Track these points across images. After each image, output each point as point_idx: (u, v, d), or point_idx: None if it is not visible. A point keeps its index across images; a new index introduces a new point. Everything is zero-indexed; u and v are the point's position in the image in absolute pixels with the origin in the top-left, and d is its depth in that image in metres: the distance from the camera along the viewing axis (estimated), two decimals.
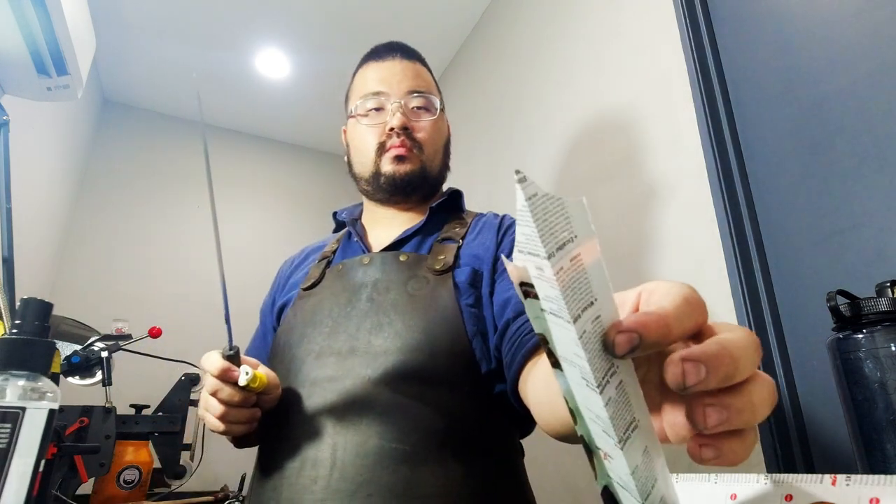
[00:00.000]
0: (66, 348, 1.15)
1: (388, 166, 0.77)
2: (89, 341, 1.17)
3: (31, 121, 1.68)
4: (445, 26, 2.17)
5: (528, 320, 0.67)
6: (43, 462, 0.39)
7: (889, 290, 0.50)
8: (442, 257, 0.70)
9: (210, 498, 1.22)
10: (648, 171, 1.15)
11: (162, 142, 2.69)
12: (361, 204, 0.89)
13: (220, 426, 0.58)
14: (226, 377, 0.55)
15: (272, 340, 0.75)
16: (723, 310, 0.93)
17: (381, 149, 0.77)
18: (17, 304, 0.44)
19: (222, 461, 2.18)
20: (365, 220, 0.85)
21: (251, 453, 0.71)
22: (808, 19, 0.90)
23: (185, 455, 1.22)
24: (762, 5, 0.99)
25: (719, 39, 1.08)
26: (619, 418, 0.23)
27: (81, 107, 2.27)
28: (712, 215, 0.98)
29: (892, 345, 0.47)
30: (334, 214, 0.87)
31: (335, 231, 0.89)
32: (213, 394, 0.56)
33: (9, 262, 0.80)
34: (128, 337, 1.22)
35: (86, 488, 1.04)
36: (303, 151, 3.09)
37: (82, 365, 1.13)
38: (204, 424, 1.37)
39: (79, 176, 2.40)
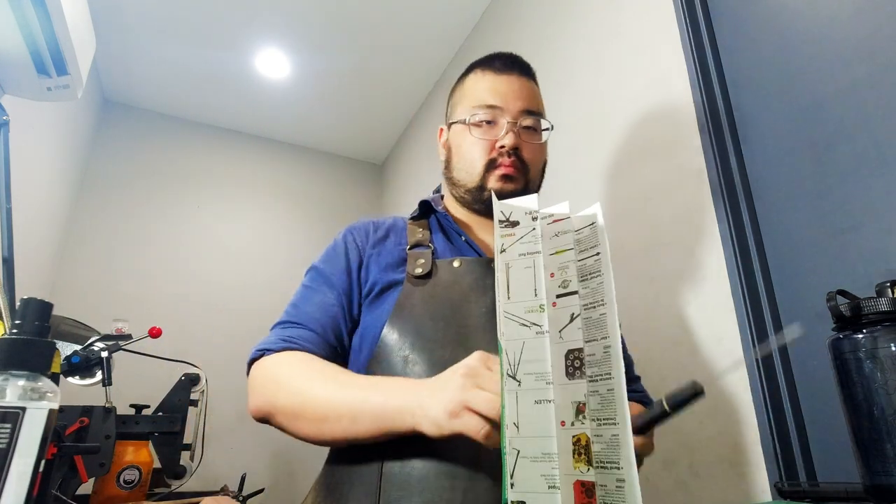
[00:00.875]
0: (66, 348, 1.15)
1: (495, 183, 0.77)
2: (89, 341, 1.17)
3: (31, 121, 1.68)
4: (445, 26, 2.17)
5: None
6: (43, 462, 0.39)
7: (889, 290, 0.50)
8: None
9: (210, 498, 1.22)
10: (648, 171, 1.15)
11: (162, 142, 2.69)
12: (442, 197, 0.88)
13: (484, 430, 0.48)
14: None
15: (379, 329, 0.69)
16: (723, 310, 0.93)
17: (491, 165, 0.78)
18: (17, 304, 0.44)
19: (222, 461, 2.19)
20: (461, 219, 0.84)
21: (249, 454, 0.70)
22: (808, 19, 0.90)
23: (185, 455, 1.22)
24: (762, 5, 0.99)
25: (719, 39, 1.08)
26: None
27: (81, 107, 2.27)
28: (712, 215, 0.98)
29: (892, 345, 0.47)
30: (425, 202, 0.84)
31: (413, 217, 0.85)
32: (497, 392, 0.48)
33: (9, 262, 0.80)
34: (128, 337, 1.22)
35: (86, 488, 1.04)
36: (303, 151, 3.09)
37: (82, 365, 1.13)
38: (204, 424, 1.37)
39: (79, 176, 2.40)
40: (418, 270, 0.71)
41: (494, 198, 0.56)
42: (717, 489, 0.89)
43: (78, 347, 1.15)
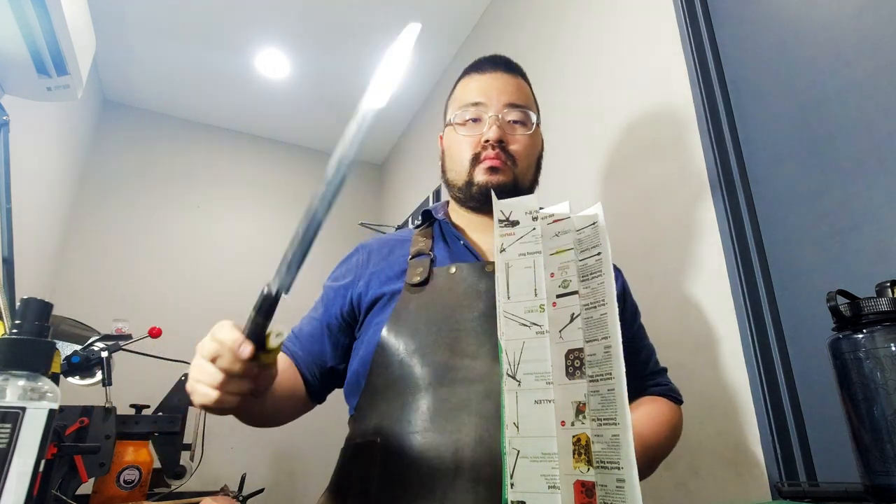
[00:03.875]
0: (66, 348, 1.15)
1: (480, 176, 0.79)
2: (89, 341, 1.17)
3: (31, 121, 1.68)
4: (445, 26, 2.17)
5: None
6: (43, 462, 0.39)
7: (889, 290, 0.50)
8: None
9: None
10: (648, 171, 1.15)
11: (162, 142, 2.69)
12: (446, 203, 0.90)
13: (214, 396, 0.51)
14: (237, 352, 0.49)
15: (379, 335, 0.72)
16: (723, 310, 0.93)
17: (476, 159, 0.80)
18: (17, 304, 0.44)
19: (222, 461, 2.19)
20: (458, 222, 0.86)
21: (249, 454, 0.71)
22: (808, 19, 0.90)
23: (185, 455, 1.22)
24: (762, 5, 0.99)
25: (719, 39, 1.08)
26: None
27: (81, 107, 2.27)
28: (712, 215, 0.98)
29: (892, 345, 0.47)
30: (427, 212, 0.87)
31: (418, 227, 0.88)
32: (212, 359, 0.51)
33: (9, 262, 0.80)
34: (128, 337, 1.22)
35: (86, 488, 1.04)
36: (303, 151, 3.09)
37: (82, 365, 1.13)
38: (204, 424, 1.37)
39: (79, 176, 2.40)
40: (416, 279, 0.73)
41: (494, 197, 0.56)
42: (717, 489, 0.89)
43: (78, 347, 1.15)
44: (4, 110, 0.87)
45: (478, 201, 0.80)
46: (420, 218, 0.87)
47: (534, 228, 0.50)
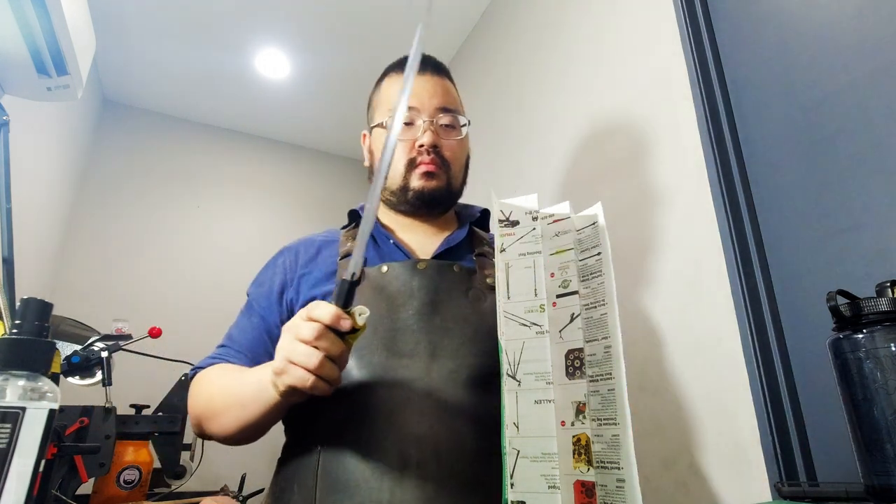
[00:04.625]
0: (66, 348, 1.15)
1: (417, 181, 0.80)
2: (89, 341, 1.17)
3: (31, 121, 1.68)
4: (445, 27, 2.17)
5: None
6: (43, 462, 0.39)
7: (889, 290, 0.50)
8: (489, 272, 0.75)
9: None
10: (648, 172, 1.15)
11: (162, 142, 2.69)
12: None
13: (311, 381, 0.50)
14: (338, 325, 0.48)
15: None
16: (723, 310, 0.93)
17: (412, 164, 0.80)
18: (17, 304, 0.44)
19: (222, 461, 2.19)
20: (386, 222, 0.86)
21: (249, 454, 0.71)
22: (808, 19, 0.90)
23: (185, 455, 1.22)
24: (762, 5, 0.99)
25: (719, 39, 1.08)
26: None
27: (81, 107, 2.27)
28: (712, 215, 0.98)
29: (892, 345, 0.47)
30: (353, 212, 0.87)
31: (345, 227, 0.89)
32: (314, 340, 0.49)
33: (9, 262, 0.80)
34: (128, 337, 1.22)
35: (86, 488, 1.04)
36: (303, 151, 3.09)
37: (82, 365, 1.13)
38: None
39: (79, 176, 2.40)
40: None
41: (494, 196, 0.57)
42: (717, 489, 0.89)
43: (78, 347, 1.15)
44: (4, 110, 0.87)
45: (412, 206, 0.81)
46: (347, 218, 0.87)
47: (534, 228, 0.50)
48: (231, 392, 0.65)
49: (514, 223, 0.51)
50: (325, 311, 0.49)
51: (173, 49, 2.29)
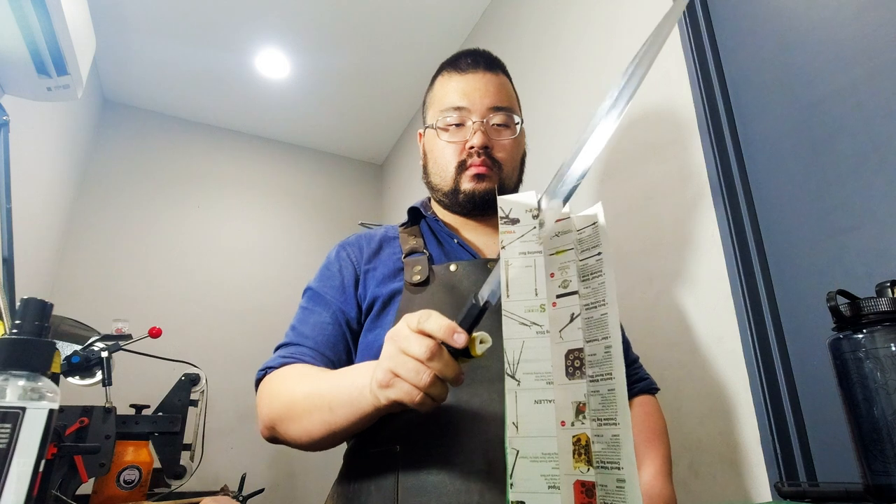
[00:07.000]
0: (66, 348, 1.15)
1: (467, 184, 0.77)
2: (89, 341, 1.17)
3: (31, 121, 1.68)
4: (445, 26, 2.17)
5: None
6: (43, 462, 0.39)
7: (889, 290, 0.50)
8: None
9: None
10: (649, 171, 1.15)
11: (162, 142, 2.69)
12: (429, 199, 0.88)
13: (418, 398, 0.46)
14: (450, 340, 0.45)
15: (370, 333, 0.71)
16: (723, 310, 0.93)
17: (462, 167, 0.78)
18: (17, 304, 0.44)
19: (222, 461, 2.19)
20: (448, 221, 0.84)
21: (249, 454, 0.71)
22: (808, 19, 0.90)
23: (185, 455, 1.22)
24: (762, 5, 0.99)
25: (719, 39, 1.08)
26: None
27: (81, 107, 2.27)
28: (712, 215, 0.98)
29: (892, 345, 0.47)
30: (414, 209, 0.85)
31: (404, 225, 0.86)
32: (426, 361, 0.45)
33: (9, 262, 0.80)
34: (128, 337, 1.22)
35: (86, 488, 1.04)
36: (303, 151, 3.09)
37: (82, 365, 1.13)
38: (204, 424, 1.36)
39: (79, 176, 2.40)
40: (416, 277, 0.71)
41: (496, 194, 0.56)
42: (717, 489, 0.89)
43: (78, 347, 1.15)
44: (4, 110, 0.87)
45: (464, 208, 0.80)
46: (407, 216, 0.84)
47: (534, 228, 0.50)
48: (318, 395, 0.60)
49: (515, 221, 0.51)
50: (437, 324, 0.46)
51: (173, 49, 2.29)
